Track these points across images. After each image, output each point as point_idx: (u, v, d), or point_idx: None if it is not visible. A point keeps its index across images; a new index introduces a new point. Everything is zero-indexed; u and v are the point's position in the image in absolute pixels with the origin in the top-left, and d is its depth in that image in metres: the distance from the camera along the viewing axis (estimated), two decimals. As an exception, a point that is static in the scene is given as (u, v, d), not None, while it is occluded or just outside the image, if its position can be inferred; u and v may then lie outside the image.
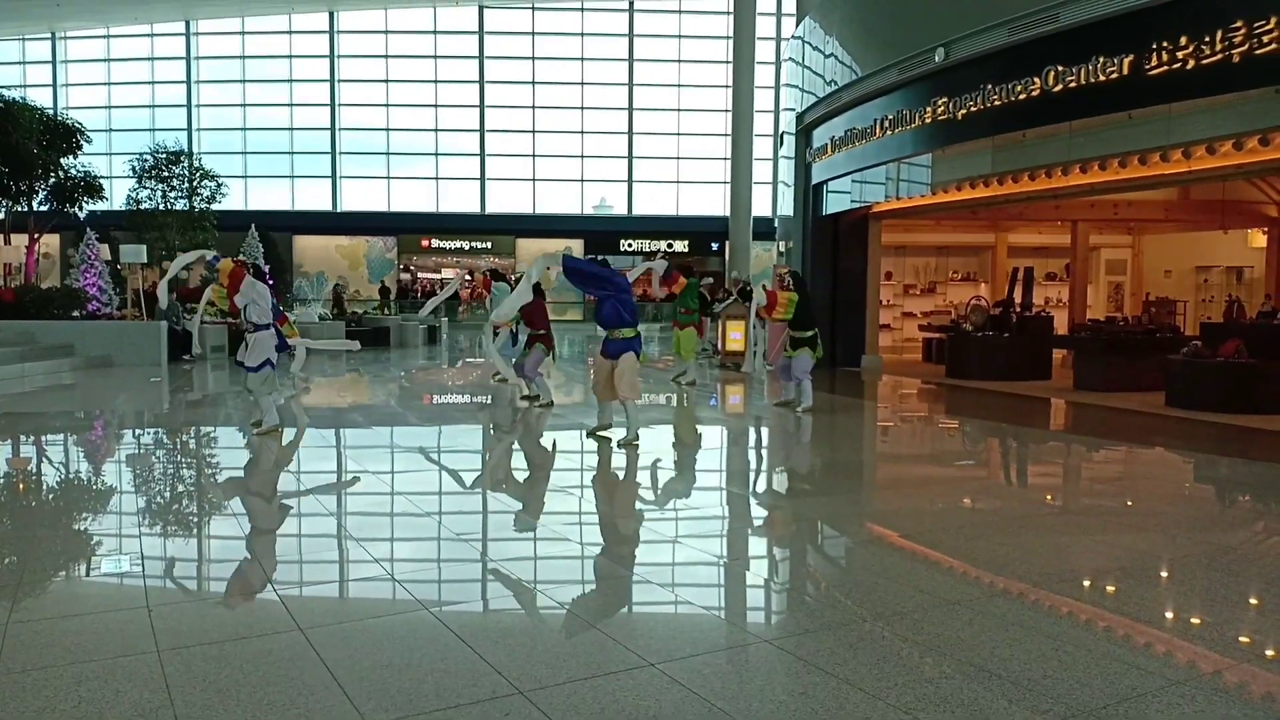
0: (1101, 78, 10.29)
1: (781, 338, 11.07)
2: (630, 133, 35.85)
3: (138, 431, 10.07)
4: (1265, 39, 8.74)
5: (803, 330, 10.36)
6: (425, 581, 4.56)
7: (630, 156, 35.96)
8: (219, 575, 4.82)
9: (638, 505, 6.43)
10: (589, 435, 8.56)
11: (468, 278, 16.17)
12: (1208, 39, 9.23)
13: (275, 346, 8.55)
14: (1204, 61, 9.29)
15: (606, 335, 8.30)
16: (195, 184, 26.36)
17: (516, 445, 9.03)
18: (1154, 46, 9.70)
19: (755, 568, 5.01)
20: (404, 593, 4.25)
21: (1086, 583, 4.50)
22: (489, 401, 12.11)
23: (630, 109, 35.80)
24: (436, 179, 35.92)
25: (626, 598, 4.37)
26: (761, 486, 7.48)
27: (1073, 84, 10.62)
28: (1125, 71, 10.04)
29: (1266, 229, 16.84)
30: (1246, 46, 8.90)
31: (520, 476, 7.66)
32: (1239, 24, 8.94)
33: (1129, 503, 6.67)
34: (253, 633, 3.68)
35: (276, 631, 3.68)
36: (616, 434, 8.42)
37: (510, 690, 3.10)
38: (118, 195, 27.92)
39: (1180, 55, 9.49)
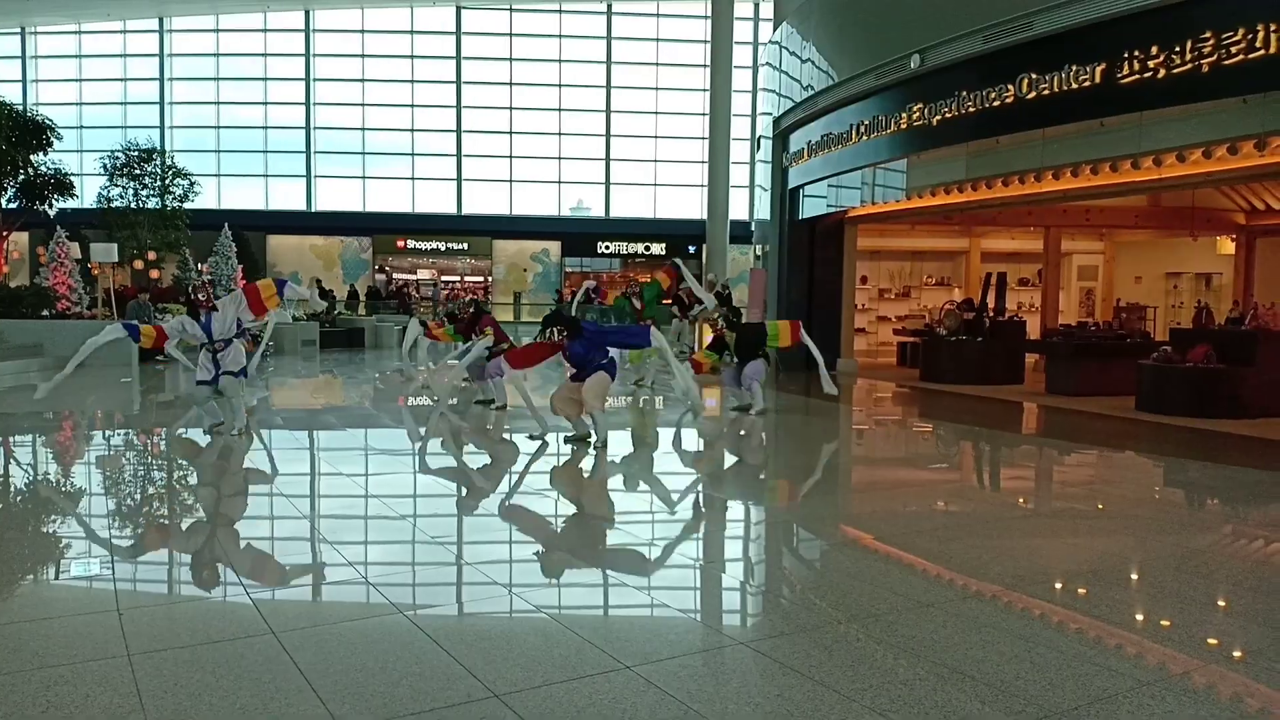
0: (1074, 85, 10.41)
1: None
2: (608, 135, 35.80)
3: (107, 433, 9.94)
4: (1233, 49, 8.88)
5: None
6: (400, 585, 4.53)
7: (608, 159, 35.91)
8: (190, 578, 4.76)
9: (611, 508, 6.43)
10: (566, 441, 8.46)
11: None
12: (1178, 49, 9.36)
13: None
14: (1174, 71, 9.42)
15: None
16: (168, 182, 26.06)
17: (486, 449, 8.99)
18: (1125, 55, 9.83)
19: (731, 570, 5.02)
20: (378, 596, 4.22)
21: (1058, 585, 4.55)
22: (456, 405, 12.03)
23: (608, 111, 35.75)
24: (413, 179, 35.69)
25: (603, 600, 4.37)
26: (737, 489, 7.49)
27: (1046, 91, 10.74)
28: (1097, 80, 10.17)
29: (1234, 236, 17.09)
30: (1215, 57, 9.04)
31: (490, 479, 7.63)
32: (1208, 35, 9.07)
33: (1100, 506, 6.75)
34: (225, 636, 3.64)
35: (249, 635, 3.64)
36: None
37: (486, 694, 3.09)
38: (89, 193, 27.54)
39: (1151, 65, 9.62)
